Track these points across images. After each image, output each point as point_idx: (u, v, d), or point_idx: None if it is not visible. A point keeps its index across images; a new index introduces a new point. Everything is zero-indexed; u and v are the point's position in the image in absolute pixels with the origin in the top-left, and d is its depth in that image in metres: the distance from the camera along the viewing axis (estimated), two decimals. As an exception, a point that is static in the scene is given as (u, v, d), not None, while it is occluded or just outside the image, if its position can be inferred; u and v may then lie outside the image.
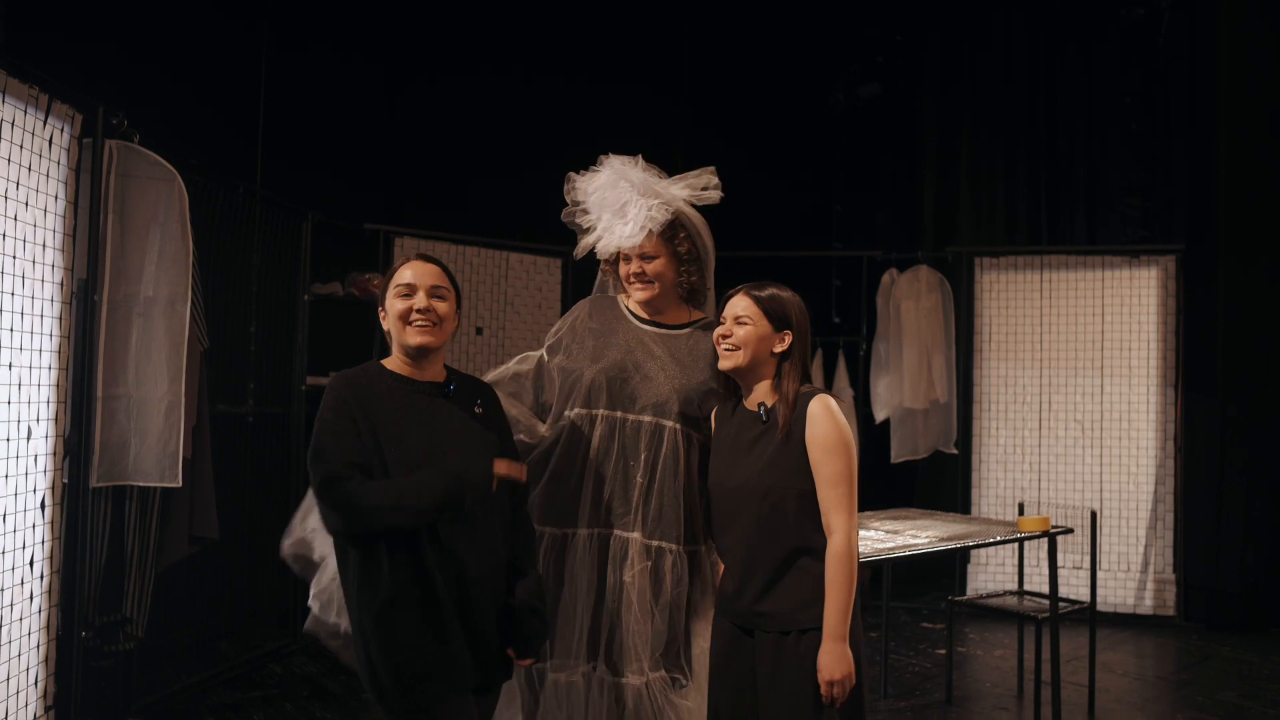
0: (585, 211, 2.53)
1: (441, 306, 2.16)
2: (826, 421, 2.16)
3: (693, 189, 2.51)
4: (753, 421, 2.26)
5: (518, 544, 2.23)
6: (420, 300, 2.14)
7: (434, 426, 2.11)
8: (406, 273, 2.17)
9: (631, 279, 2.50)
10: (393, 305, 2.16)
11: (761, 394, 2.27)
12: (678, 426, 2.41)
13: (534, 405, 2.55)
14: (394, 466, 2.04)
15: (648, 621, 2.35)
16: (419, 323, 2.13)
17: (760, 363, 2.25)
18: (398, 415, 2.09)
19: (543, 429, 2.50)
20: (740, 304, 2.26)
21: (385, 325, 2.21)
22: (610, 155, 2.51)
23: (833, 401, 2.20)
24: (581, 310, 2.62)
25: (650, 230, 2.43)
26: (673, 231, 2.47)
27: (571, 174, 2.56)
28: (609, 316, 2.57)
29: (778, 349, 2.25)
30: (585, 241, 2.56)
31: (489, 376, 2.52)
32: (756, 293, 2.26)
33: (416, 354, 2.16)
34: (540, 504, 2.44)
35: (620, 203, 2.45)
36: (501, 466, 2.12)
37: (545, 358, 2.58)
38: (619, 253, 2.51)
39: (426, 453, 2.07)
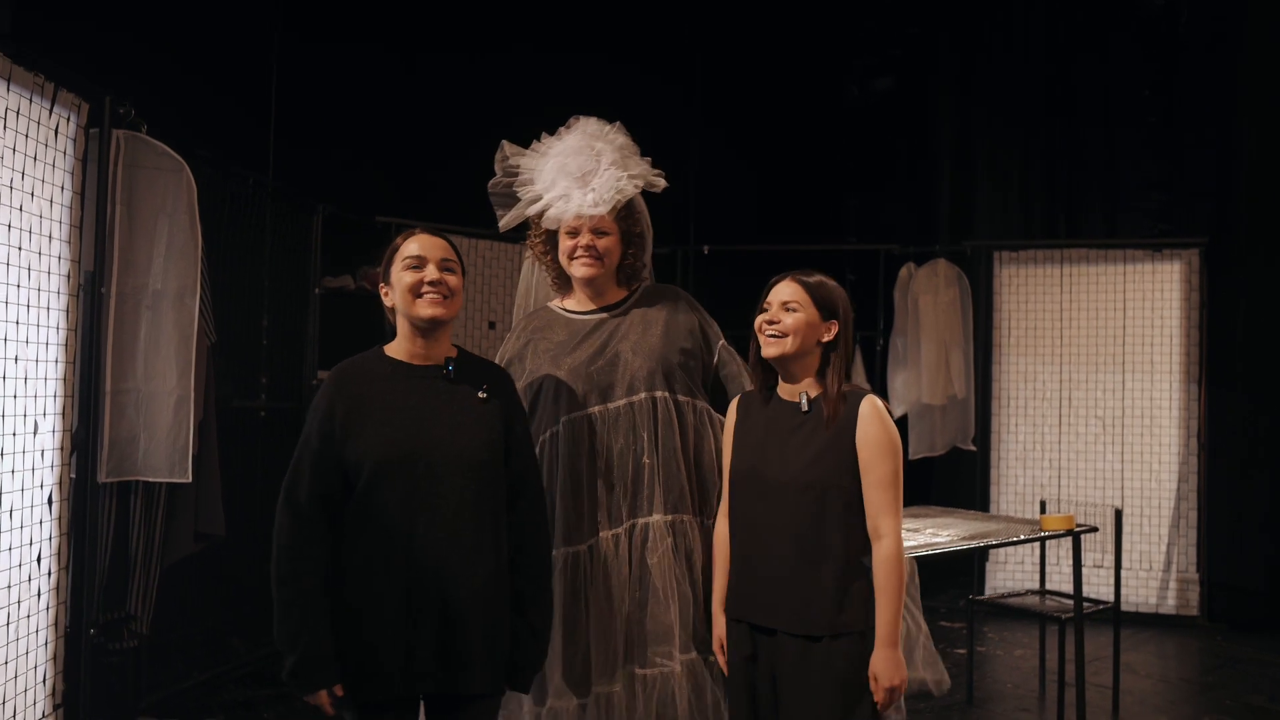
0: (529, 182, 2.40)
1: (452, 279, 2.06)
2: (879, 423, 2.10)
3: (647, 171, 2.43)
4: (791, 412, 2.17)
5: (522, 561, 2.10)
6: (431, 272, 2.03)
7: (426, 409, 2.02)
8: (413, 245, 2.07)
9: (578, 252, 2.36)
10: (400, 278, 2.04)
11: (803, 385, 2.18)
12: (667, 395, 2.34)
13: None
14: (377, 453, 1.96)
15: (674, 603, 2.26)
16: (430, 294, 2.03)
17: (806, 352, 2.15)
18: (389, 401, 2.00)
19: None
20: (788, 289, 2.16)
21: (389, 302, 2.09)
22: (581, 118, 2.40)
23: (881, 403, 2.14)
24: (518, 332, 2.52)
25: (617, 204, 2.33)
26: (629, 210, 2.39)
27: (505, 142, 2.44)
28: (549, 324, 2.47)
29: (825, 339, 2.16)
30: (529, 208, 2.40)
31: None
32: (805, 279, 2.18)
33: (428, 327, 2.05)
34: (552, 525, 2.33)
35: (584, 170, 2.34)
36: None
37: None
38: (560, 226, 2.39)
39: (417, 436, 1.98)
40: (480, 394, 2.08)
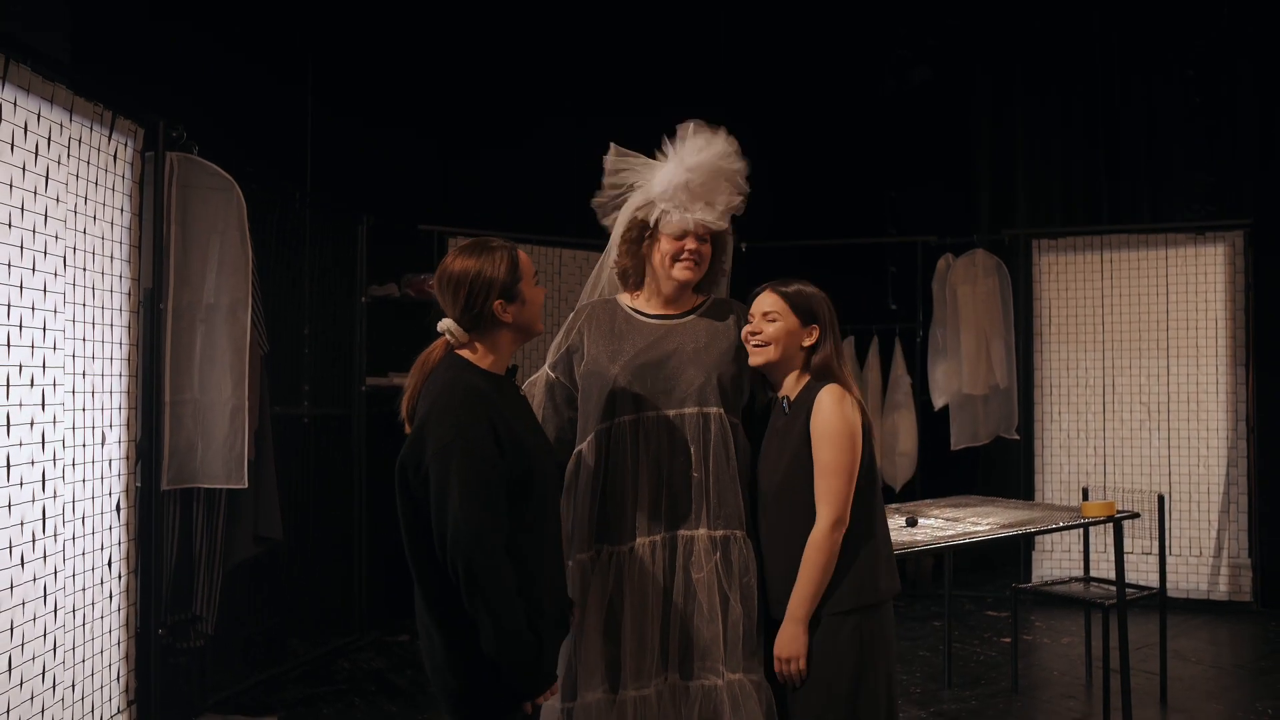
0: (633, 185, 2.42)
1: None
2: (829, 410, 2.20)
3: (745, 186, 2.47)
4: (778, 415, 2.33)
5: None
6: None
7: (529, 418, 2.16)
8: (530, 262, 2.13)
9: (684, 255, 2.39)
10: (535, 294, 2.09)
11: (788, 388, 2.33)
12: (721, 412, 2.36)
13: (563, 424, 2.47)
14: (534, 463, 2.03)
15: (719, 620, 2.29)
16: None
17: (789, 357, 2.30)
18: (509, 415, 2.05)
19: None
20: (767, 300, 2.31)
21: (509, 318, 2.05)
22: (721, 130, 2.39)
23: (845, 393, 2.23)
24: (582, 316, 2.51)
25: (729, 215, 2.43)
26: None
27: (614, 145, 2.46)
28: (613, 317, 2.48)
29: (806, 343, 2.29)
30: (637, 209, 2.41)
31: None
32: (782, 289, 2.31)
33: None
34: (596, 523, 2.36)
35: (711, 189, 2.36)
36: None
37: (551, 375, 2.49)
38: (658, 228, 2.39)
39: (539, 446, 2.10)
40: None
